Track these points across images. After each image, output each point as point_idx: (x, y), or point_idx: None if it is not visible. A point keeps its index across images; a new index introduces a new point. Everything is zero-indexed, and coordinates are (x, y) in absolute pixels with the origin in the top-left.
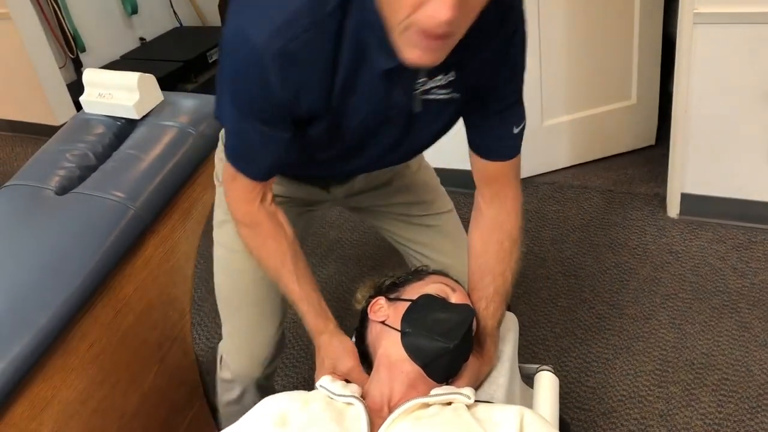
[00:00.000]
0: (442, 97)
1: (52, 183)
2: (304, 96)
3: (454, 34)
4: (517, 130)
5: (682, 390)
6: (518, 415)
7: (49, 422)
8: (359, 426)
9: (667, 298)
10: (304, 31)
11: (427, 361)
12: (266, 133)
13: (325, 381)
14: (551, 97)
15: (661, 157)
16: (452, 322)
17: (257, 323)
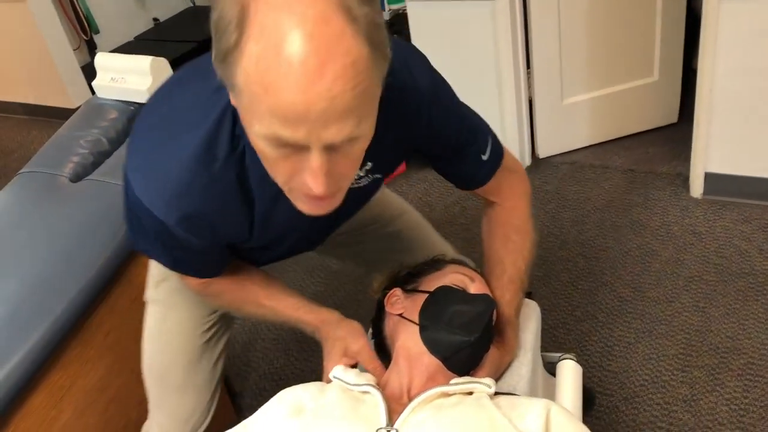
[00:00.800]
0: (364, 184)
1: (66, 170)
2: (221, 236)
3: (340, 189)
4: (486, 156)
5: (707, 375)
6: (545, 408)
7: (68, 410)
8: (377, 413)
9: (691, 281)
10: (201, 190)
11: (447, 355)
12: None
13: (338, 371)
14: (571, 74)
15: (684, 136)
16: (472, 314)
17: (186, 391)
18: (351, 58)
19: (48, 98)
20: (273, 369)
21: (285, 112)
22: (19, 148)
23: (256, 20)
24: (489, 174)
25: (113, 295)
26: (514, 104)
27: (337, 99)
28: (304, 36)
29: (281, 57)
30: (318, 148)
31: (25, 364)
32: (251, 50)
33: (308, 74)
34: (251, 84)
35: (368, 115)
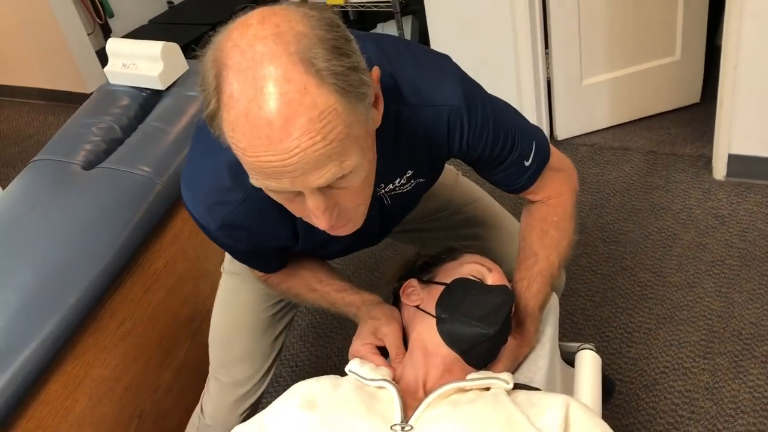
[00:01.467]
0: (408, 189)
1: (79, 158)
2: (265, 242)
3: (356, 215)
4: (529, 161)
5: (729, 362)
6: (564, 404)
7: (83, 400)
8: (392, 409)
9: (713, 265)
10: (236, 205)
11: (466, 348)
12: (253, 254)
13: (354, 365)
14: (591, 54)
15: (707, 116)
16: (491, 305)
17: (246, 361)
18: (317, 110)
19: (63, 83)
20: (289, 355)
21: (264, 170)
22: (36, 134)
23: (227, 89)
24: (533, 179)
25: (127, 284)
26: (531, 85)
27: (308, 151)
28: (267, 98)
29: (250, 122)
30: (308, 191)
31: (40, 353)
32: (227, 117)
33: (275, 133)
34: (233, 146)
35: (352, 153)
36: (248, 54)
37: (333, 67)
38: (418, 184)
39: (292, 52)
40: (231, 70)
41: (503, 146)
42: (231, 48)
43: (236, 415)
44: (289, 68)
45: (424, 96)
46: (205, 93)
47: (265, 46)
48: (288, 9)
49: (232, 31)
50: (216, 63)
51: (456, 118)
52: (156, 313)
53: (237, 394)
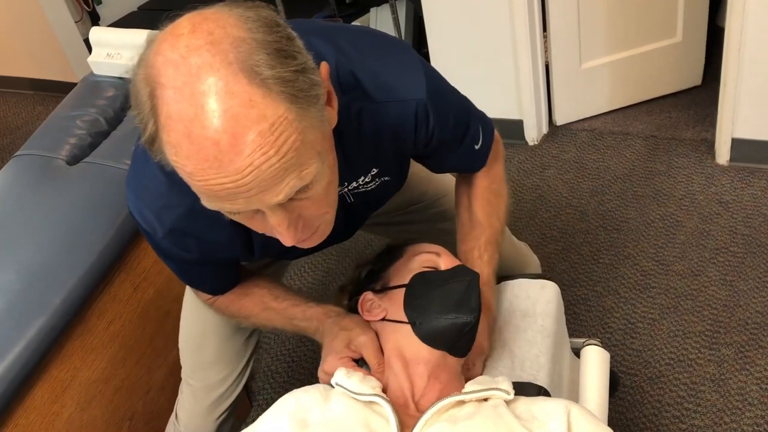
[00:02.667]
0: (372, 187)
1: (63, 152)
2: (217, 254)
3: (323, 223)
4: (479, 145)
5: (736, 352)
6: (565, 412)
7: (71, 404)
8: (388, 428)
9: (718, 253)
10: (185, 209)
11: (450, 343)
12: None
13: (341, 377)
14: (589, 37)
15: (709, 99)
16: (460, 292)
17: (218, 363)
18: (267, 122)
19: (52, 73)
20: (285, 350)
21: (215, 193)
22: (25, 125)
23: (164, 109)
24: (484, 161)
25: (115, 283)
26: (530, 69)
27: (263, 168)
28: (210, 115)
29: (193, 143)
30: (268, 209)
31: (24, 357)
32: (167, 140)
33: (224, 154)
34: (178, 170)
35: (310, 161)
36: (183, 68)
37: (279, 74)
38: (383, 182)
39: (232, 62)
40: (166, 88)
41: (462, 134)
42: (163, 63)
43: (212, 420)
44: (231, 80)
45: (389, 91)
46: (140, 116)
47: (200, 58)
48: (220, 12)
49: (161, 44)
50: (148, 81)
51: (423, 111)
52: (146, 313)
53: (211, 398)
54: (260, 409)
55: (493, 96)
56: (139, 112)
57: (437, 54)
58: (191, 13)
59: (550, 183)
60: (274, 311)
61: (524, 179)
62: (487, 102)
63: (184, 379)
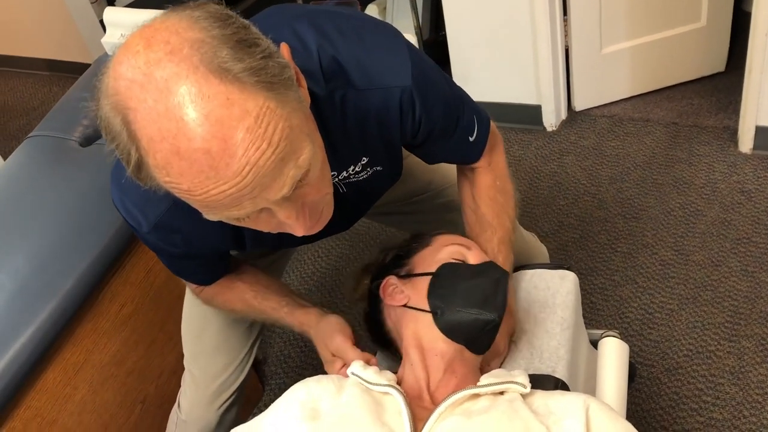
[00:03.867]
0: (364, 177)
1: (76, 133)
2: (204, 249)
3: (325, 207)
4: (473, 137)
5: (756, 345)
6: (583, 407)
7: (83, 386)
8: (400, 421)
9: (739, 243)
10: (171, 204)
11: (470, 338)
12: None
13: (357, 368)
14: (611, 21)
15: (732, 86)
16: (488, 288)
17: (220, 350)
18: (251, 117)
19: (68, 53)
20: (297, 336)
21: (219, 202)
22: (41, 105)
23: (143, 133)
24: (479, 153)
25: (127, 266)
26: (549, 54)
27: (260, 164)
28: (193, 126)
29: (183, 158)
30: (274, 204)
31: (36, 340)
32: (155, 163)
33: (218, 160)
34: (174, 191)
35: (303, 145)
36: (149, 86)
37: (248, 65)
38: (375, 173)
39: (198, 65)
40: (138, 112)
41: (453, 124)
42: (126, 87)
43: (214, 410)
44: (203, 84)
45: (373, 77)
46: (118, 146)
47: (164, 70)
48: (169, 20)
49: (117, 67)
50: (117, 109)
51: (408, 99)
52: (158, 296)
53: (213, 387)
54: (272, 394)
55: (511, 80)
56: (117, 143)
57: (455, 37)
58: (139, 29)
59: (568, 170)
60: (255, 309)
61: (542, 165)
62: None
63: (186, 367)
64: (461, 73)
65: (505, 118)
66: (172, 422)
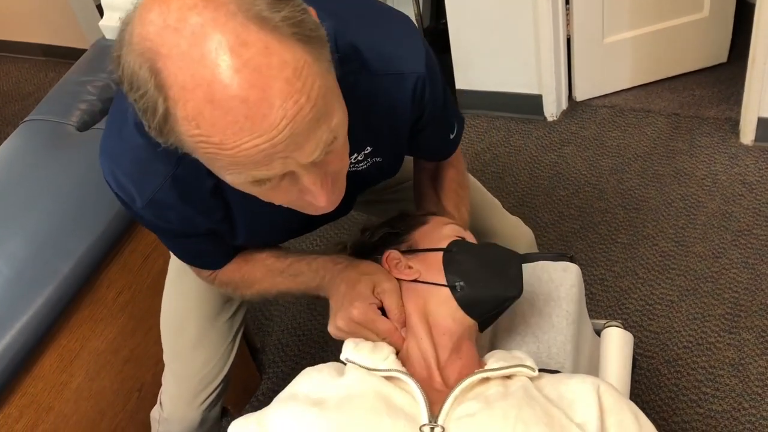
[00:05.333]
0: (363, 167)
1: (73, 118)
2: (196, 225)
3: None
4: (453, 135)
5: (756, 337)
6: (595, 390)
7: (80, 373)
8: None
9: (740, 235)
10: (166, 178)
11: (487, 313)
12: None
13: (349, 351)
14: (613, 10)
15: (734, 77)
16: (507, 265)
17: (200, 346)
18: (290, 68)
19: (64, 39)
20: (296, 324)
21: (250, 158)
22: (36, 91)
23: (173, 81)
24: (454, 150)
25: (125, 252)
26: (551, 43)
27: (297, 119)
28: (229, 72)
29: (218, 107)
30: (302, 168)
31: (32, 326)
32: (184, 114)
33: (255, 110)
34: (201, 145)
35: (335, 108)
36: (184, 31)
37: (287, 15)
38: (376, 164)
39: (236, 12)
40: (169, 59)
41: (443, 116)
42: (157, 32)
43: (196, 407)
44: (241, 31)
45: (389, 62)
46: (142, 98)
47: (200, 16)
48: None
49: (148, 14)
50: (145, 56)
51: (421, 86)
52: (156, 283)
53: (193, 384)
54: (270, 382)
55: (512, 70)
56: (140, 93)
57: (456, 26)
58: None
59: (568, 160)
60: (278, 271)
61: (542, 156)
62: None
63: (167, 364)
64: (462, 62)
65: (505, 107)
66: (155, 421)
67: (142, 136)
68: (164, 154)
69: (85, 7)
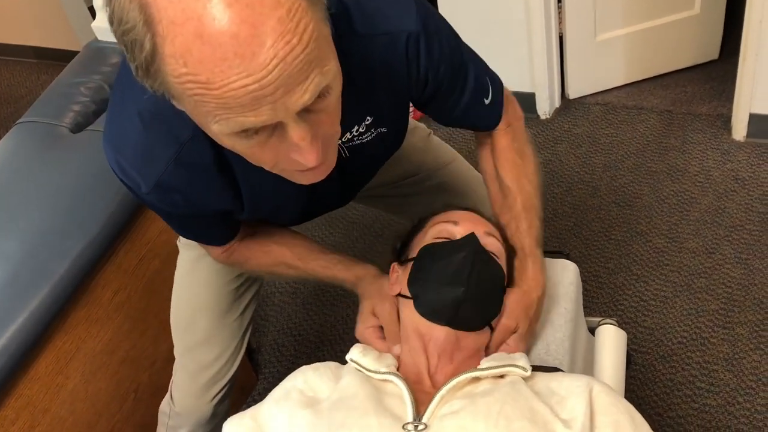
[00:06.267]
0: (368, 139)
1: (67, 120)
2: (205, 209)
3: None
4: (488, 100)
5: (750, 331)
6: (587, 389)
7: (76, 375)
8: (402, 405)
9: (733, 230)
10: (169, 162)
11: (448, 317)
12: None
13: (356, 354)
14: (605, 8)
15: (726, 73)
16: (455, 262)
17: (211, 342)
18: (283, 8)
19: (56, 41)
20: (292, 324)
21: (237, 100)
22: (29, 94)
23: (163, 15)
24: (496, 118)
25: (120, 253)
26: (543, 41)
27: (287, 60)
28: (221, 6)
29: (207, 42)
30: (291, 119)
31: (28, 327)
32: (172, 51)
33: (245, 47)
34: (187, 86)
35: (328, 56)
36: None
37: None
38: (380, 135)
39: None
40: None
41: (461, 80)
42: None
43: (206, 401)
44: None
45: (377, 22)
46: (130, 36)
47: None
48: None
49: None
50: None
51: (414, 45)
52: (151, 284)
53: (204, 378)
54: (266, 383)
55: (504, 67)
56: (127, 30)
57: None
58: None
59: (561, 158)
60: (299, 269)
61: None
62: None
63: (177, 358)
64: None
65: None
66: (164, 414)
67: (143, 122)
68: (166, 138)
69: (77, 9)
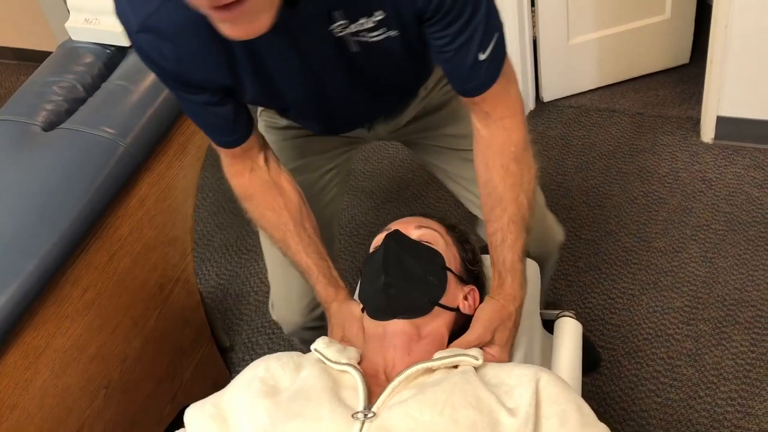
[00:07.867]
0: (377, 38)
1: (39, 118)
2: (194, 69)
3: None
4: (484, 56)
5: (713, 328)
6: (533, 379)
7: (45, 370)
8: (355, 395)
9: (699, 230)
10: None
11: (384, 307)
12: (196, 101)
13: (320, 345)
14: (578, 12)
15: (696, 77)
16: (376, 259)
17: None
18: None
19: (34, 42)
20: (266, 323)
21: None
22: (7, 95)
23: None
24: (487, 81)
25: (90, 250)
26: (517, 44)
27: None
28: None
29: None
30: None
31: None
32: None
33: None
34: None
35: None
36: None
37: None
38: (390, 38)
39: None
40: None
41: (462, 9)
42: None
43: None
44: None
45: None
46: None
47: None
48: None
49: None
50: None
51: None
52: (122, 281)
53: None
54: None
55: None
56: None
57: None
58: None
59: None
60: (289, 250)
61: None
62: None
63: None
64: None
65: None
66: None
67: None
68: None
69: (55, 10)
